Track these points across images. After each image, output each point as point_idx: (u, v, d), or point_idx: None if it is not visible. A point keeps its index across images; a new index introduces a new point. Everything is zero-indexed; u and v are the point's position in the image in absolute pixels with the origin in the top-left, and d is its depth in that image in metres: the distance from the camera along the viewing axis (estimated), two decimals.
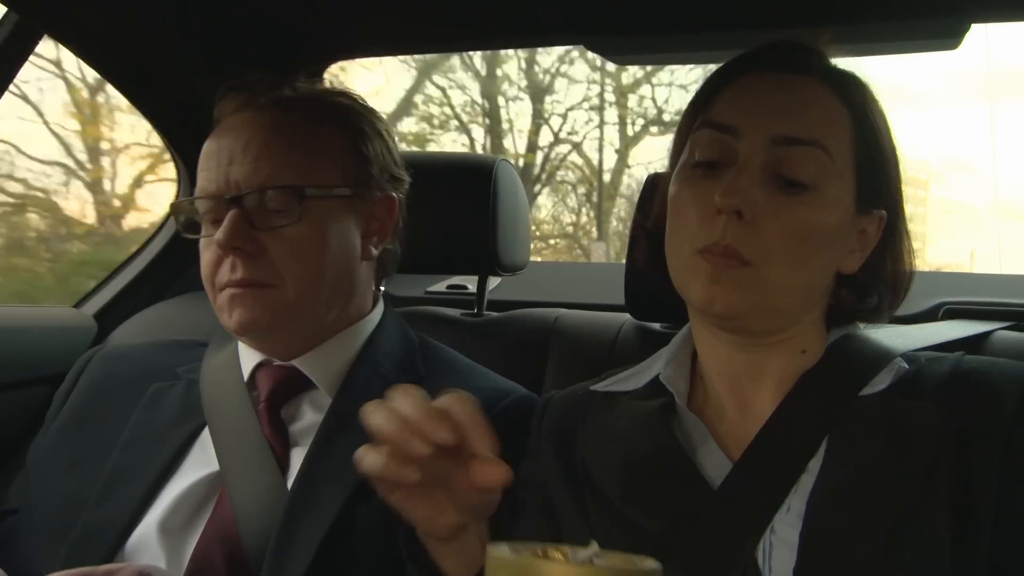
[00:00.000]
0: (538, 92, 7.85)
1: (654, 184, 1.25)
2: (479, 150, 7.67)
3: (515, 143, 7.95)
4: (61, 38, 1.48)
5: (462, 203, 1.32)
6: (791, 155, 0.86)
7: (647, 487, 0.90)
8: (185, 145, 1.73)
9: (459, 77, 7.74)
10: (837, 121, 0.90)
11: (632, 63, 1.58)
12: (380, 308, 1.21)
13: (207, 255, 1.09)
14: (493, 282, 1.75)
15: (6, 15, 1.40)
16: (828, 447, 0.86)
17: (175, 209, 1.17)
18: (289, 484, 1.03)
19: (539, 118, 7.83)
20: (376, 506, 0.99)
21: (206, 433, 1.09)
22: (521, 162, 7.72)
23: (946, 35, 1.32)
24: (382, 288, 1.26)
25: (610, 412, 0.99)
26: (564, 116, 7.95)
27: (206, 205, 1.10)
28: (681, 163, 0.94)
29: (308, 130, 1.11)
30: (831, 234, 0.88)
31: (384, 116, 1.22)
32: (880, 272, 0.95)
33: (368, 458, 0.74)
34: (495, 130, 7.85)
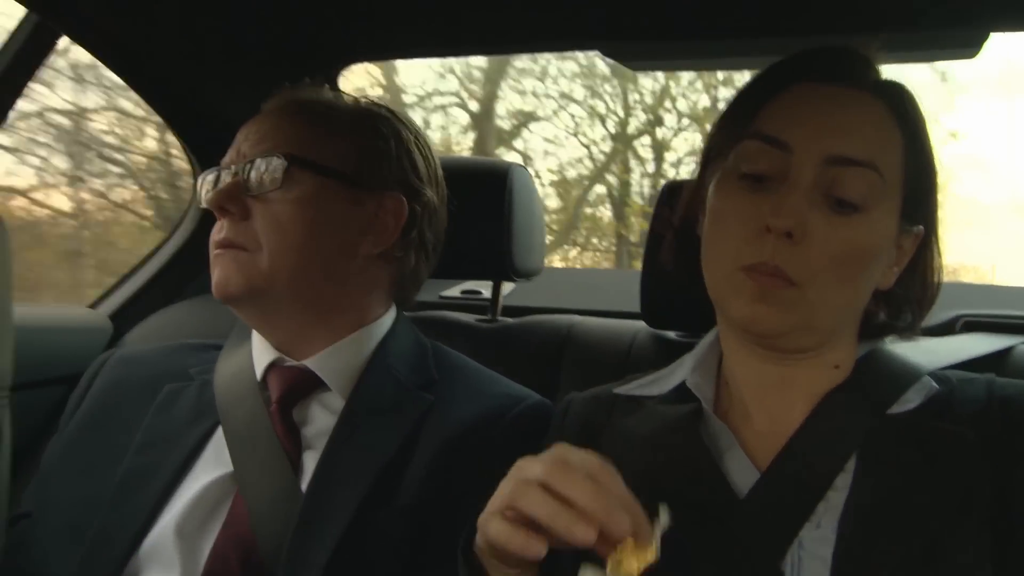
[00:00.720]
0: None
1: (671, 191, 1.25)
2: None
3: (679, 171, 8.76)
4: (78, 39, 1.48)
5: (477, 208, 1.32)
6: (844, 176, 0.85)
7: (673, 491, 0.89)
8: (201, 146, 1.74)
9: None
10: (891, 140, 0.88)
11: (648, 69, 1.59)
12: (392, 313, 1.21)
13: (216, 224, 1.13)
14: (508, 287, 1.74)
15: (25, 16, 1.41)
16: (859, 464, 0.85)
17: (201, 180, 1.18)
18: (302, 486, 1.03)
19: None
20: (391, 509, 1.00)
21: (219, 433, 1.09)
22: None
23: (965, 44, 1.32)
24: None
25: (634, 416, 0.98)
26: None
27: (223, 176, 1.13)
28: (724, 172, 0.92)
29: (322, 119, 1.15)
30: (876, 254, 0.88)
31: (417, 128, 1.23)
32: (911, 286, 0.94)
33: (494, 527, 0.73)
34: (660, 159, 8.65)
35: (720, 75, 6.30)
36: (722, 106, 1.00)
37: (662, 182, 1.47)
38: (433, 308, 1.62)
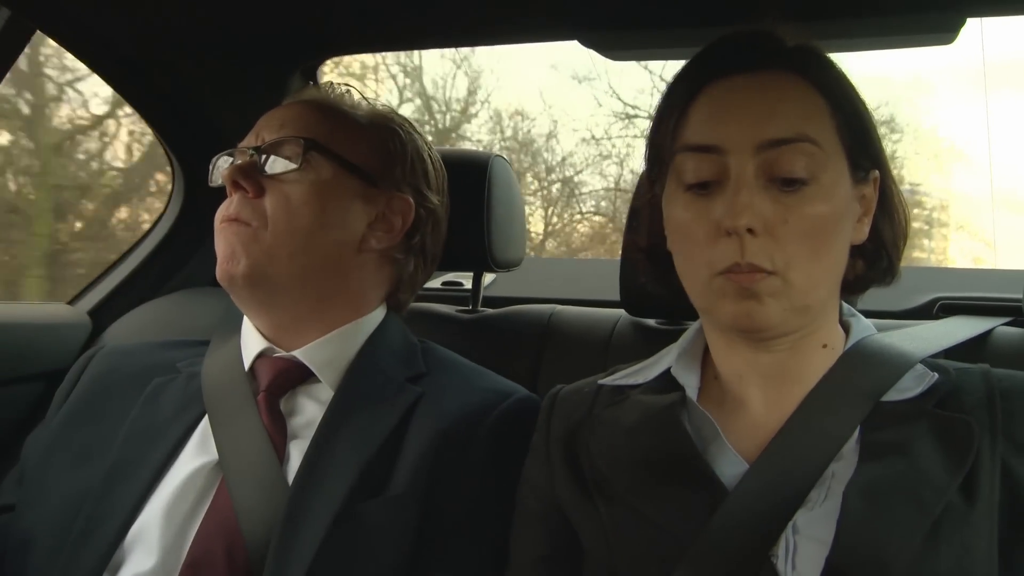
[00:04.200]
0: None
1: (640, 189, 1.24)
2: None
3: None
4: (54, 35, 1.47)
5: (457, 199, 1.32)
6: (781, 156, 0.86)
7: (658, 482, 0.89)
8: (179, 142, 1.73)
9: None
10: (814, 107, 0.89)
11: (626, 59, 1.58)
12: (383, 309, 1.22)
13: (224, 202, 1.15)
14: (488, 278, 1.74)
15: None
16: (862, 448, 0.85)
17: (214, 161, 1.21)
18: (288, 476, 1.03)
19: None
20: (379, 500, 1.00)
21: (205, 422, 1.10)
22: None
23: (942, 29, 1.32)
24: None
25: (619, 406, 0.98)
26: None
27: (237, 158, 1.16)
28: (671, 186, 0.93)
29: (342, 115, 1.19)
30: (840, 217, 0.88)
31: (429, 140, 1.27)
32: (883, 232, 0.95)
33: None
34: None
35: None
36: None
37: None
38: (414, 300, 1.61)
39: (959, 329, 1.12)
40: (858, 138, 0.91)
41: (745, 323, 0.87)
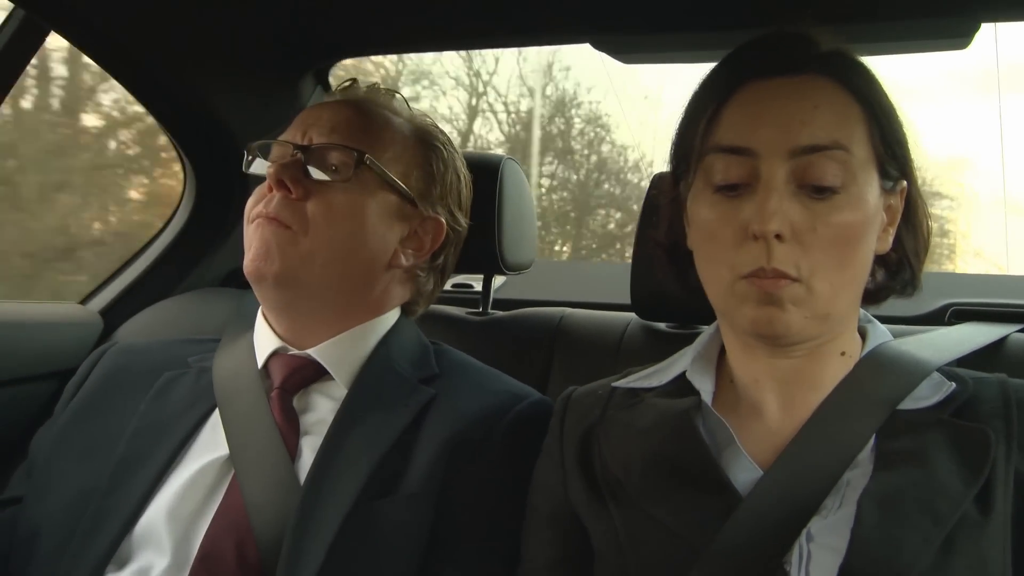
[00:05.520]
0: None
1: (660, 182, 1.24)
2: None
3: None
4: (67, 35, 1.47)
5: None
6: (813, 163, 0.85)
7: (672, 487, 0.89)
8: (191, 144, 1.73)
9: None
10: (849, 114, 0.88)
11: (640, 62, 1.58)
12: (396, 312, 1.22)
13: (257, 192, 1.14)
14: (499, 281, 1.74)
15: (12, 11, 1.40)
16: (877, 456, 0.85)
17: (250, 148, 1.21)
18: (299, 473, 1.03)
19: None
20: (393, 499, 1.01)
21: (215, 417, 1.10)
22: None
23: (956, 34, 1.31)
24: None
25: (633, 409, 0.98)
26: None
27: (278, 151, 1.16)
28: (698, 185, 0.92)
29: (392, 129, 1.18)
30: (867, 227, 0.88)
31: (463, 159, 1.28)
32: (906, 240, 0.95)
33: None
34: None
35: None
36: None
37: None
38: None
39: (974, 336, 1.12)
40: (890, 147, 0.90)
41: (765, 329, 0.86)
